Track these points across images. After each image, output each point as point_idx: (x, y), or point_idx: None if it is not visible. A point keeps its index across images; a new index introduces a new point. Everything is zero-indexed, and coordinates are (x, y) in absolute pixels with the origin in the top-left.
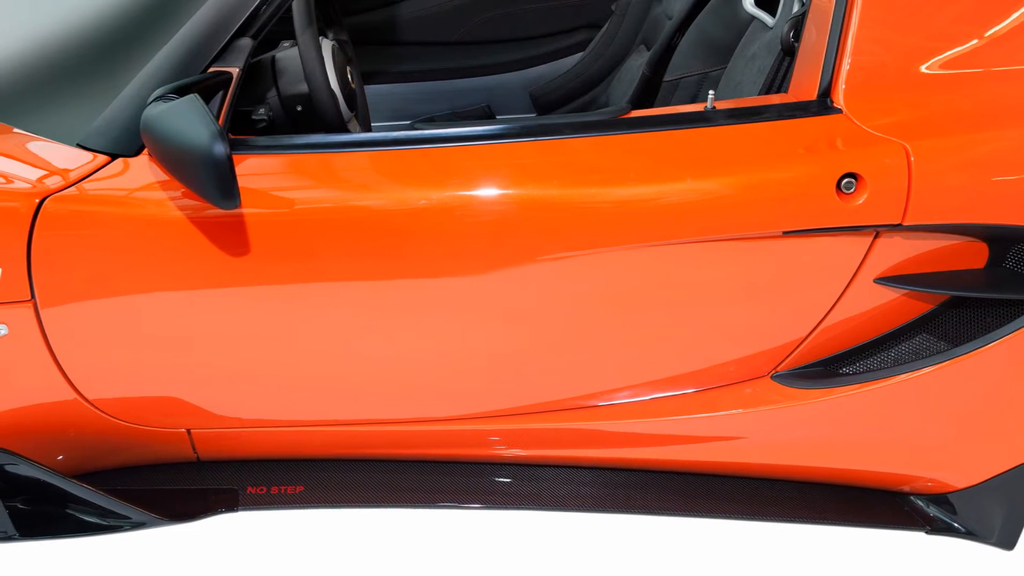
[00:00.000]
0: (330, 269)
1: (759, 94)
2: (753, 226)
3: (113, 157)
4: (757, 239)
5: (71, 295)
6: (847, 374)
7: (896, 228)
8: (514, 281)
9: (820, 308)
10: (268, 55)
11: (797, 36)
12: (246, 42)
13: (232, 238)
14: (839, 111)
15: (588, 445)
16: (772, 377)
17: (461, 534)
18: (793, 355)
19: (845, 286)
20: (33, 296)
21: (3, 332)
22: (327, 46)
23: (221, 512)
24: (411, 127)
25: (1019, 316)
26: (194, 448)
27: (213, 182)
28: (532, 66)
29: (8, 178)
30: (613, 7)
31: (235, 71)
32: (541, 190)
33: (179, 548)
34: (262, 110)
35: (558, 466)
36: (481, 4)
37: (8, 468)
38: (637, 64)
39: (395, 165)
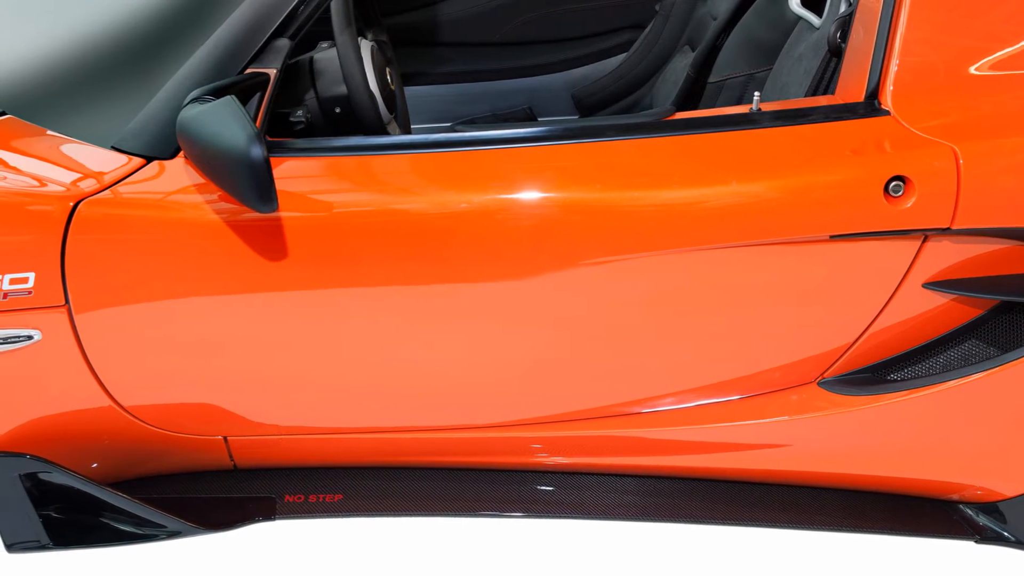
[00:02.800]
0: (369, 274)
1: (805, 95)
2: (799, 230)
3: (148, 160)
4: (804, 243)
5: (106, 300)
6: (895, 380)
7: (945, 232)
8: (556, 286)
9: (868, 313)
10: (306, 56)
11: (844, 37)
12: (284, 43)
13: (269, 242)
14: (887, 113)
15: (632, 453)
16: (819, 383)
17: (503, 543)
18: (840, 361)
19: (893, 291)
20: (67, 301)
21: (36, 338)
22: (366, 47)
23: (258, 521)
24: (452, 129)
25: None
26: (231, 456)
27: (250, 185)
28: (575, 67)
29: (42, 181)
30: (657, 7)
31: (272, 72)
32: (584, 193)
33: (215, 558)
34: (300, 112)
35: (601, 474)
36: (523, 4)
37: (42, 476)
38: (682, 65)
39: (435, 168)
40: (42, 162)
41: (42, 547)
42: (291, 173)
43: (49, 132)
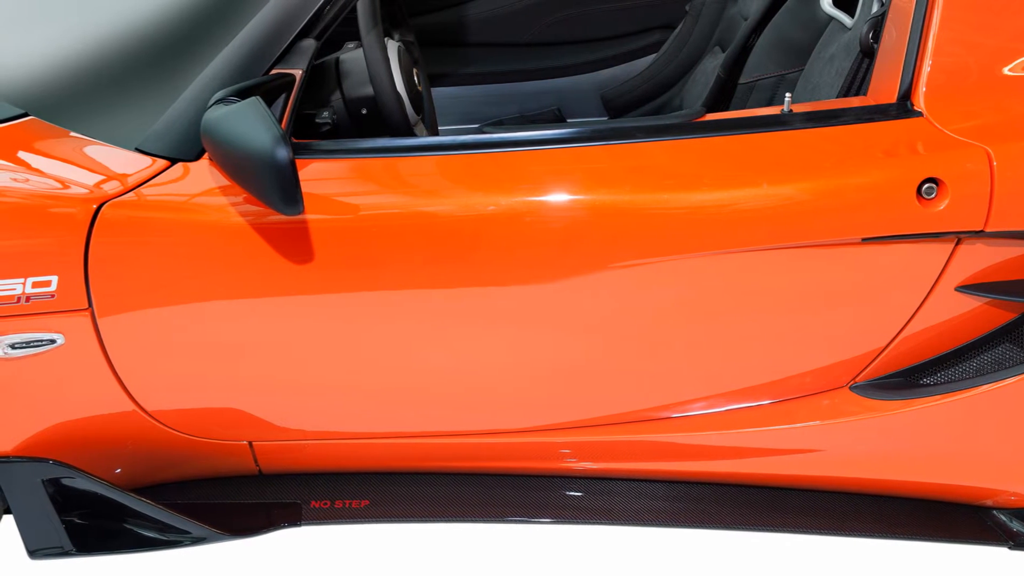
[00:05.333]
0: (396, 277)
1: (837, 96)
2: (831, 233)
3: (173, 161)
4: (835, 246)
5: (129, 303)
6: (928, 385)
7: (978, 234)
8: (585, 289)
9: (900, 317)
10: (332, 57)
11: (876, 37)
12: (309, 43)
13: (295, 245)
14: (919, 114)
15: (661, 458)
16: (851, 388)
17: (531, 549)
18: (872, 365)
19: (926, 294)
20: (90, 304)
21: (60, 342)
22: (393, 47)
23: (284, 527)
24: (479, 131)
25: None
26: (256, 461)
27: (276, 187)
28: (604, 68)
29: (65, 183)
30: (687, 7)
31: (298, 73)
32: (613, 196)
33: (241, 564)
34: (326, 113)
35: (631, 479)
36: (552, 4)
37: (64, 481)
38: (712, 66)
39: (463, 170)
40: (65, 164)
41: (65, 553)
42: (317, 175)
43: (72, 134)
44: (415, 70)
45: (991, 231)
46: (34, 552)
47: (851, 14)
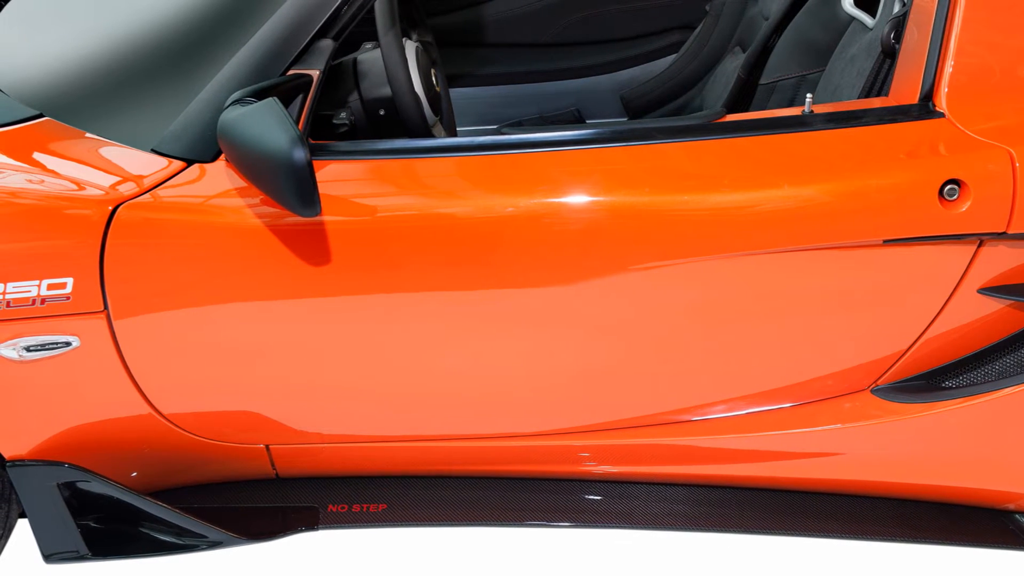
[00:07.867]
0: (414, 279)
1: (858, 97)
2: (852, 234)
3: (189, 163)
4: (856, 248)
5: (145, 306)
6: (950, 388)
7: (1001, 236)
8: (604, 291)
9: (922, 319)
10: (349, 57)
11: (898, 37)
12: (327, 44)
13: (312, 247)
14: (941, 115)
15: (681, 461)
16: (872, 391)
17: (550, 553)
18: (894, 368)
19: (948, 297)
20: (106, 307)
21: (75, 344)
22: (411, 48)
23: (301, 531)
24: (498, 132)
25: None
26: (273, 464)
27: (293, 189)
28: (623, 68)
29: (80, 184)
30: (707, 8)
31: (315, 74)
32: (632, 197)
33: (257, 569)
34: (343, 114)
35: (650, 483)
36: (571, 5)
37: (80, 485)
38: (732, 66)
39: (481, 171)
40: (81, 165)
41: (80, 557)
42: (334, 176)
43: (88, 135)
44: (433, 71)
45: (1014, 233)
46: (49, 556)
47: (872, 14)
